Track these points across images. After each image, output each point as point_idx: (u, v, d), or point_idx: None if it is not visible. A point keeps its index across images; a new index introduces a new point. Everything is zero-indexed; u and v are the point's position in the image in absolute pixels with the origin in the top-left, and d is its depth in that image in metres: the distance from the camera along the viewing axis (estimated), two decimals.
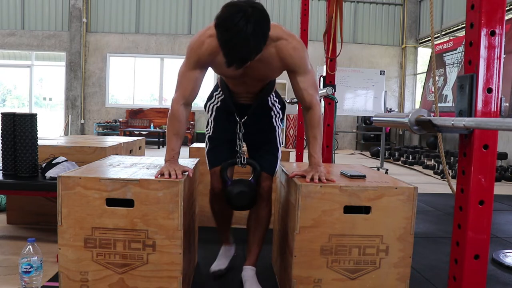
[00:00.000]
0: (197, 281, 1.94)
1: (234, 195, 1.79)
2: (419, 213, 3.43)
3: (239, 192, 1.79)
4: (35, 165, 2.25)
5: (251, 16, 1.34)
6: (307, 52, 1.73)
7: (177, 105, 1.69)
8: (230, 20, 1.34)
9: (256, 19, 1.36)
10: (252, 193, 1.80)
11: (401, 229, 1.54)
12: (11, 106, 11.61)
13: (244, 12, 1.34)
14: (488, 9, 0.93)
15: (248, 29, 1.34)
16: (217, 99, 1.98)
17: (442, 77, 8.74)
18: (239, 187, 1.80)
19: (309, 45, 3.61)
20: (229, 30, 1.35)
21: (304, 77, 1.69)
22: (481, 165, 0.96)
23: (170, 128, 1.71)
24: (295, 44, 1.64)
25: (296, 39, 1.67)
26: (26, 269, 1.63)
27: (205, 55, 1.63)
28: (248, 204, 1.82)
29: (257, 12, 1.37)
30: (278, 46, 1.61)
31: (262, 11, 1.39)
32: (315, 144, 1.71)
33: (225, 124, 1.94)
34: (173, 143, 1.70)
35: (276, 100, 2.00)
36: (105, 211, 1.47)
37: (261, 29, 1.39)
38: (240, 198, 1.79)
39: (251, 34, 1.35)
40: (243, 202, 1.80)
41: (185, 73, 1.69)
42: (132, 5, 10.52)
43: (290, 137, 10.36)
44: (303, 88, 1.69)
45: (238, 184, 1.82)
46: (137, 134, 9.83)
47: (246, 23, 1.33)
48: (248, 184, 1.81)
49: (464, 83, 0.96)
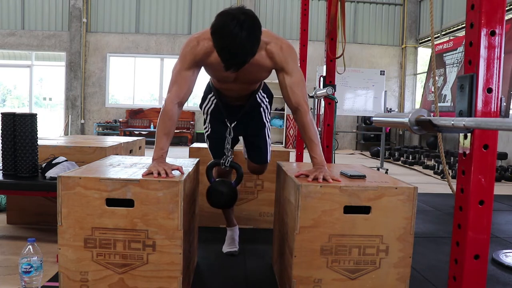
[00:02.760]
0: (197, 281, 1.94)
1: (212, 193, 1.92)
2: (419, 213, 3.43)
3: (217, 192, 1.92)
4: (35, 165, 2.25)
5: (244, 22, 1.45)
6: (296, 55, 1.81)
7: (171, 105, 1.71)
8: (225, 27, 1.45)
9: (249, 25, 1.47)
10: (230, 195, 1.93)
11: (401, 229, 1.54)
12: (11, 106, 11.61)
13: (237, 20, 1.45)
14: (488, 9, 0.93)
15: (243, 34, 1.44)
16: (211, 101, 2.07)
17: (441, 77, 8.74)
18: (219, 187, 1.93)
19: (309, 45, 3.61)
20: (225, 37, 1.45)
21: (291, 76, 1.75)
22: (481, 165, 0.96)
23: (161, 127, 1.71)
24: (282, 44, 1.74)
25: (284, 41, 1.77)
26: (26, 269, 1.63)
27: (200, 54, 1.71)
28: (224, 204, 1.97)
29: (249, 18, 1.48)
30: (268, 48, 1.71)
31: (253, 17, 1.50)
32: (313, 146, 1.73)
33: (220, 126, 2.09)
34: (163, 143, 1.70)
35: (264, 95, 2.09)
36: (105, 211, 1.47)
37: (254, 34, 1.50)
38: (217, 197, 1.92)
39: (246, 38, 1.46)
40: (220, 201, 1.94)
41: (180, 72, 1.72)
42: (132, 5, 10.52)
43: (290, 137, 10.36)
44: (289, 86, 1.75)
45: (219, 184, 1.95)
46: (137, 134, 9.83)
47: (241, 29, 1.44)
48: (228, 185, 1.94)
49: (464, 83, 0.96)
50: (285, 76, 1.75)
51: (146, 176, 1.51)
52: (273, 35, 1.74)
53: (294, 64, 1.76)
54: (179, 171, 1.62)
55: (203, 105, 2.13)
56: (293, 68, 1.75)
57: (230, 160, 1.98)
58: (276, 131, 10.67)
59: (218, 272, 2.05)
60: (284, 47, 1.73)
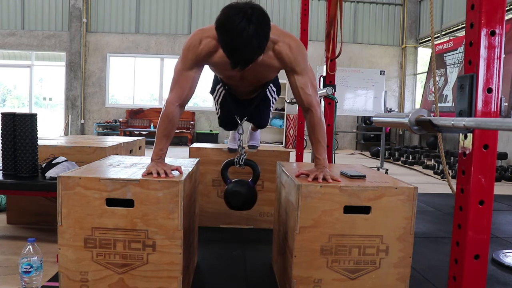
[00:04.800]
0: (197, 281, 1.94)
1: (230, 195, 1.84)
2: (419, 213, 3.43)
3: (234, 192, 1.83)
4: (35, 165, 2.25)
5: (252, 16, 1.35)
6: (306, 51, 1.72)
7: (172, 107, 1.66)
8: (231, 21, 1.35)
9: (257, 19, 1.36)
10: (248, 195, 1.82)
11: (401, 229, 1.54)
12: (11, 106, 11.60)
13: (244, 13, 1.34)
14: (488, 9, 0.93)
15: (250, 29, 1.34)
16: (219, 92, 2.02)
17: (442, 77, 8.74)
18: (236, 188, 1.84)
19: (309, 45, 3.61)
20: (231, 31, 1.35)
21: (302, 76, 1.67)
22: (481, 165, 0.96)
23: (161, 129, 1.67)
24: (291, 43, 1.64)
25: (293, 38, 1.67)
26: (26, 269, 1.63)
27: (203, 54, 1.63)
28: (242, 205, 1.85)
29: (257, 12, 1.37)
30: (275, 48, 1.62)
31: (262, 11, 1.40)
32: (319, 147, 1.69)
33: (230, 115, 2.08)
34: (162, 144, 1.67)
35: (274, 89, 2.04)
36: (105, 211, 1.47)
37: (263, 29, 1.39)
38: (235, 198, 1.84)
39: (253, 34, 1.35)
40: (238, 203, 1.86)
41: (182, 72, 1.66)
42: (132, 5, 10.51)
43: (290, 137, 10.36)
44: (300, 87, 1.68)
45: (236, 185, 1.86)
46: (137, 134, 9.83)
47: (248, 23, 1.34)
48: (245, 186, 1.83)
49: (464, 83, 0.96)
50: (296, 77, 1.67)
51: (146, 176, 1.51)
52: (281, 32, 1.64)
53: (305, 63, 1.67)
54: (178, 171, 1.61)
55: (212, 94, 2.11)
56: (304, 67, 1.67)
57: (244, 158, 1.92)
58: (276, 131, 10.67)
59: (218, 272, 2.05)
60: (293, 45, 1.63)
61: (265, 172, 2.76)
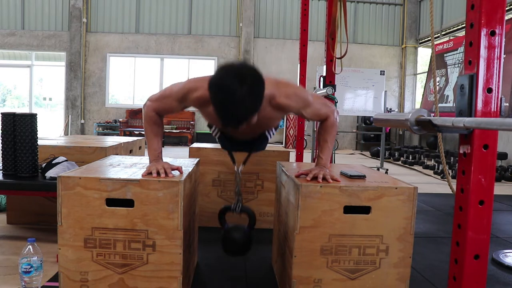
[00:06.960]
0: (197, 281, 1.94)
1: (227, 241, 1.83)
2: (419, 213, 3.43)
3: (231, 239, 1.82)
4: (35, 165, 2.25)
5: (245, 77, 1.33)
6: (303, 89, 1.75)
7: (152, 113, 1.68)
8: (224, 80, 1.32)
9: (251, 80, 1.34)
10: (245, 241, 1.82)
11: (401, 229, 1.54)
12: (11, 106, 11.61)
13: (237, 73, 1.33)
14: (488, 9, 0.93)
15: (243, 89, 1.31)
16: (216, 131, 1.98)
17: (443, 78, 8.74)
18: (233, 234, 1.83)
19: (309, 45, 3.61)
20: (223, 91, 1.32)
21: (309, 107, 1.68)
22: (481, 165, 0.95)
23: (149, 131, 1.69)
24: (288, 91, 1.63)
25: (287, 85, 1.66)
26: (26, 269, 1.63)
27: (193, 101, 1.62)
28: (239, 251, 1.84)
29: (251, 73, 1.36)
30: (273, 103, 1.61)
31: (256, 72, 1.37)
32: (325, 147, 1.73)
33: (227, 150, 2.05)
34: (155, 144, 1.69)
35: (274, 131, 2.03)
36: (105, 211, 1.47)
37: (256, 90, 1.36)
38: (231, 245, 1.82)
39: (246, 94, 1.32)
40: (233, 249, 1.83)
41: (171, 96, 1.66)
42: (132, 5, 10.51)
43: (290, 137, 10.36)
44: (312, 114, 1.70)
45: (233, 231, 1.84)
46: (137, 134, 9.82)
47: (241, 84, 1.31)
48: (242, 231, 1.84)
49: (464, 83, 0.96)
50: (304, 111, 1.68)
51: (145, 176, 1.51)
52: (274, 82, 1.61)
53: (306, 96, 1.68)
54: (179, 171, 1.62)
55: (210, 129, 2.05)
56: (307, 100, 1.66)
57: (240, 206, 1.94)
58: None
59: (218, 272, 2.05)
60: (289, 92, 1.62)
61: (265, 172, 2.76)
